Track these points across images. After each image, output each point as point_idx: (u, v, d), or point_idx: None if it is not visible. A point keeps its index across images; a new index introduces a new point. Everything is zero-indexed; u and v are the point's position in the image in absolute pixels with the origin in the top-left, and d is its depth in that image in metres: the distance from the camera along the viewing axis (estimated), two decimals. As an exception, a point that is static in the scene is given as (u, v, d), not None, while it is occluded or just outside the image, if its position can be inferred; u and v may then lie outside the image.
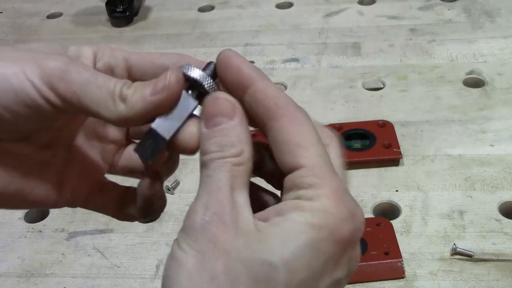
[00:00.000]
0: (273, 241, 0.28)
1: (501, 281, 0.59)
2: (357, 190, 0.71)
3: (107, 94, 0.32)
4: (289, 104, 0.32)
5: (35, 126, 0.34)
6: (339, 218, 0.29)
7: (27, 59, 0.32)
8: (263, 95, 0.32)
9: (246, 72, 0.32)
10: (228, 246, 0.28)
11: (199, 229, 0.29)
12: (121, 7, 1.08)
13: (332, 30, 1.01)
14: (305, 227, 0.29)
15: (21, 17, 1.17)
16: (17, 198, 0.35)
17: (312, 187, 0.30)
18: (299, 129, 0.31)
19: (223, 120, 0.31)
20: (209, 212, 0.29)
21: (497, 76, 0.87)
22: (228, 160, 0.30)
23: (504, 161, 0.73)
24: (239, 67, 0.32)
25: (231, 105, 0.32)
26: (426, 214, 0.67)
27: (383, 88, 0.87)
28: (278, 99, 0.31)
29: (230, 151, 0.30)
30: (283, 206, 0.30)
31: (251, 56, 0.97)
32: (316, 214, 0.29)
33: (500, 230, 0.64)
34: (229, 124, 0.31)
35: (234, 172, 0.30)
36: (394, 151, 0.74)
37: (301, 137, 0.31)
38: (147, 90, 0.32)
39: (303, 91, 0.88)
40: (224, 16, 1.09)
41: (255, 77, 0.32)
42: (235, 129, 0.31)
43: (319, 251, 0.29)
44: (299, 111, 0.32)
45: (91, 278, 0.64)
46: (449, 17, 1.01)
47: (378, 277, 0.61)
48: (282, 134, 0.31)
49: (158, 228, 0.69)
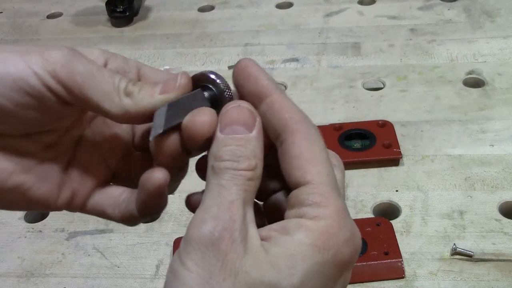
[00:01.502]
0: (281, 265, 0.28)
1: (501, 281, 0.59)
2: (357, 190, 0.71)
3: (112, 87, 0.32)
4: (304, 119, 0.31)
5: (38, 120, 0.33)
6: (342, 240, 0.29)
7: (30, 51, 0.32)
8: (280, 106, 0.31)
9: (265, 83, 0.32)
10: (237, 266, 0.28)
11: (208, 244, 0.28)
12: (121, 7, 1.08)
13: (332, 30, 1.01)
14: (311, 249, 0.28)
15: (21, 17, 1.17)
16: (15, 194, 0.35)
17: (316, 205, 0.29)
18: (311, 146, 0.31)
19: (242, 129, 0.31)
20: (219, 227, 0.28)
21: (497, 76, 0.87)
22: (242, 173, 0.30)
23: (504, 161, 0.73)
24: (257, 77, 0.32)
25: (253, 116, 0.31)
26: (426, 214, 0.67)
27: (383, 88, 0.87)
28: (295, 113, 0.31)
29: (245, 164, 0.30)
30: (287, 225, 0.29)
31: (251, 56, 0.97)
32: (321, 236, 0.29)
33: (500, 230, 0.64)
34: (249, 136, 0.30)
35: (247, 186, 0.30)
36: (394, 151, 0.74)
37: (312, 154, 0.30)
38: (156, 89, 0.32)
39: (303, 91, 0.88)
40: (224, 16, 1.09)
41: (273, 88, 0.32)
42: (252, 142, 0.30)
43: (323, 274, 0.29)
44: (313, 128, 0.31)
45: (91, 278, 0.64)
46: (449, 17, 1.01)
47: (378, 277, 0.61)
48: (294, 148, 0.31)
49: (158, 228, 0.69)
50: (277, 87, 0.32)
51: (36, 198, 0.36)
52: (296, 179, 0.30)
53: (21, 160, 0.35)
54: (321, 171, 0.30)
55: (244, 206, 0.29)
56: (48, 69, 0.32)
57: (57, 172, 0.37)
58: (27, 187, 0.35)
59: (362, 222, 0.65)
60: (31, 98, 0.32)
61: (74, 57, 0.32)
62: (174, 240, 0.66)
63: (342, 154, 0.74)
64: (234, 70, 0.33)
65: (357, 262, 0.61)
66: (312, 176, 0.30)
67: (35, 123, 0.34)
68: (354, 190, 0.71)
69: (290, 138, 0.31)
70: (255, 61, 0.33)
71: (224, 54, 0.98)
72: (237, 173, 0.29)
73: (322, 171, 0.30)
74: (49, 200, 0.36)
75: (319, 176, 0.30)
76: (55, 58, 0.32)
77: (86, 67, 0.32)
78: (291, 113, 0.31)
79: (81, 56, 0.33)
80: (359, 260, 0.61)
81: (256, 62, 0.33)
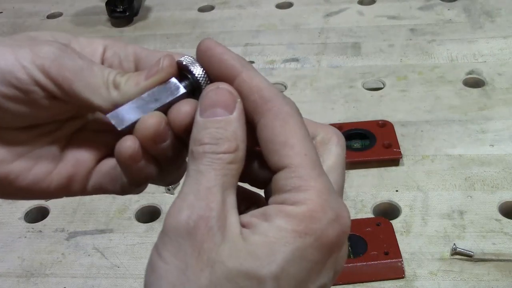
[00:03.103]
0: (260, 253, 0.27)
1: (501, 281, 0.59)
2: (357, 190, 0.71)
3: (101, 81, 0.32)
4: (275, 96, 0.29)
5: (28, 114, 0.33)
6: (325, 223, 0.28)
7: (21, 45, 0.32)
8: (248, 87, 0.30)
9: (229, 63, 0.30)
10: (213, 255, 0.27)
11: (183, 234, 0.27)
12: (121, 7, 1.08)
13: (332, 30, 1.01)
14: (291, 235, 0.27)
15: (21, 17, 1.17)
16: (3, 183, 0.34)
17: (296, 189, 0.28)
18: (284, 125, 0.29)
19: (222, 112, 0.29)
20: (194, 215, 0.27)
21: (497, 76, 0.87)
22: (221, 157, 0.28)
23: (504, 161, 0.73)
24: (221, 58, 0.30)
25: (233, 98, 0.30)
26: (426, 214, 0.67)
27: (383, 88, 0.87)
28: (263, 90, 0.30)
29: (224, 146, 0.28)
30: (267, 211, 0.28)
31: (251, 56, 0.97)
32: (302, 221, 0.28)
33: (500, 230, 0.64)
34: (228, 118, 0.29)
35: (226, 171, 0.28)
36: (394, 151, 0.74)
37: (287, 134, 0.29)
38: (141, 76, 0.32)
39: (303, 91, 0.88)
40: (224, 16, 1.09)
41: (239, 67, 0.30)
42: (233, 124, 0.29)
43: (306, 259, 0.28)
44: (286, 104, 0.30)
45: (91, 278, 0.64)
46: (449, 17, 1.01)
47: (378, 277, 0.61)
48: (267, 131, 0.29)
49: (158, 228, 0.69)
50: (245, 65, 0.30)
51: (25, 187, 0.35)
52: (274, 164, 0.29)
53: (11, 149, 0.34)
54: (298, 151, 0.29)
55: (223, 192, 0.28)
56: (37, 63, 0.32)
57: (50, 157, 0.35)
58: (14, 177, 0.34)
59: (362, 222, 0.65)
60: (19, 91, 0.32)
61: (64, 53, 0.32)
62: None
63: (342, 154, 0.74)
64: (197, 53, 0.32)
65: (357, 262, 0.61)
66: (289, 159, 0.28)
67: (26, 117, 0.33)
68: (354, 190, 0.71)
69: (262, 120, 0.29)
70: (216, 41, 0.31)
71: (224, 54, 0.98)
72: (216, 156, 0.28)
73: (299, 151, 0.29)
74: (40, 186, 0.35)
75: (296, 158, 0.28)
76: (45, 53, 0.32)
77: (75, 63, 0.32)
78: (260, 91, 0.29)
79: (72, 51, 0.33)
80: (359, 260, 0.61)
81: (217, 42, 0.31)
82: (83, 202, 0.74)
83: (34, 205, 0.74)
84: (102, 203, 0.73)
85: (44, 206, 0.74)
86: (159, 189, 0.74)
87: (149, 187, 0.79)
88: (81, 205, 0.73)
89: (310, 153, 0.29)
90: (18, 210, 0.73)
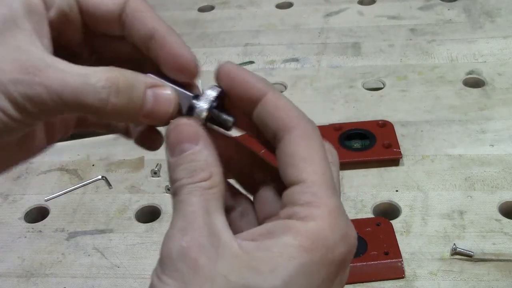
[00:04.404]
0: (263, 267, 0.27)
1: (501, 281, 0.59)
2: (357, 190, 0.71)
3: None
4: (301, 116, 0.31)
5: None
6: (333, 240, 0.28)
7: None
8: (275, 105, 0.31)
9: (256, 85, 0.32)
10: (211, 271, 0.27)
11: (177, 256, 0.28)
12: (121, 7, 1.08)
13: (332, 30, 1.01)
14: (297, 250, 0.28)
15: (21, 17, 1.17)
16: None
17: (308, 205, 0.29)
18: (307, 143, 0.30)
19: (188, 146, 0.30)
20: (186, 237, 0.28)
21: (497, 76, 0.87)
22: (198, 185, 0.30)
23: (504, 161, 0.73)
24: (244, 80, 0.32)
25: (194, 130, 0.31)
26: (426, 214, 0.67)
27: (383, 88, 0.87)
28: (290, 110, 0.31)
29: (200, 176, 0.30)
30: (274, 227, 0.29)
31: (251, 56, 0.97)
32: (310, 237, 0.28)
33: (500, 230, 0.64)
34: (195, 149, 0.30)
35: (207, 196, 0.29)
36: (394, 151, 0.74)
37: (309, 152, 0.30)
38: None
39: (303, 91, 0.88)
40: (224, 16, 1.09)
41: (265, 88, 0.32)
42: (201, 153, 0.30)
43: (312, 276, 0.28)
44: (310, 125, 0.31)
45: (91, 278, 0.64)
46: (449, 17, 1.01)
47: (378, 277, 0.61)
48: (290, 146, 0.30)
49: (158, 228, 0.69)
50: (268, 86, 0.32)
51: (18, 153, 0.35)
52: (290, 178, 0.30)
53: None
54: (317, 170, 0.30)
55: (209, 214, 0.29)
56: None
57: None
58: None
59: (362, 222, 0.65)
60: None
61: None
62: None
63: (342, 154, 0.74)
64: (218, 78, 0.32)
65: (357, 262, 0.61)
66: (307, 174, 0.30)
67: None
68: (354, 190, 0.71)
69: (287, 136, 0.31)
70: (235, 64, 0.33)
71: (224, 54, 0.98)
72: (193, 186, 0.30)
73: (317, 170, 0.30)
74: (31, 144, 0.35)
75: (314, 175, 0.30)
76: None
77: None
78: (287, 111, 0.31)
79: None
80: (359, 260, 0.61)
81: (237, 65, 0.33)
82: (83, 202, 0.74)
83: (34, 205, 0.74)
84: (102, 203, 0.73)
85: (44, 206, 0.74)
86: (159, 189, 0.74)
87: (149, 187, 0.80)
88: (81, 205, 0.73)
89: (326, 173, 0.30)
90: (18, 210, 0.73)
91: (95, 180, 0.75)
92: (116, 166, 0.78)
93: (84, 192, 0.75)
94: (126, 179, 0.76)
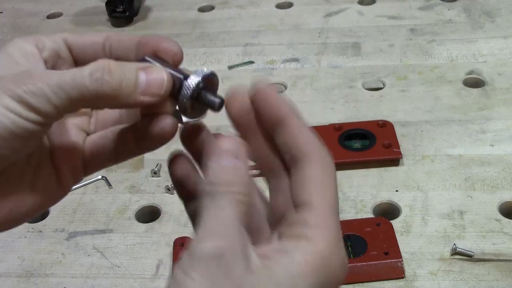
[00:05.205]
0: (285, 285, 0.30)
1: (501, 281, 0.59)
2: (357, 190, 0.71)
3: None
4: (321, 146, 0.34)
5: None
6: (336, 263, 0.31)
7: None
8: (299, 131, 0.34)
9: (284, 108, 0.34)
10: (240, 280, 0.29)
11: (210, 258, 0.29)
12: (121, 7, 1.08)
13: (332, 30, 1.01)
14: (310, 270, 0.30)
15: (21, 17, 1.17)
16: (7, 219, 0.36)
17: (317, 227, 0.31)
18: (323, 171, 0.33)
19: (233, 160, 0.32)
20: (222, 243, 0.29)
21: (497, 76, 0.87)
22: (237, 197, 0.31)
23: (504, 161, 0.73)
24: (276, 102, 0.34)
25: (244, 149, 0.33)
26: (426, 214, 0.67)
27: (383, 88, 0.87)
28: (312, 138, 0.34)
29: (239, 189, 0.32)
30: (287, 246, 0.31)
31: (251, 56, 0.97)
32: (319, 258, 0.31)
33: (500, 230, 0.64)
34: (238, 165, 0.32)
35: (241, 209, 0.31)
36: (394, 151, 0.74)
37: (323, 179, 0.33)
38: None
39: (303, 91, 0.88)
40: (224, 16, 1.09)
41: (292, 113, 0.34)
42: (243, 170, 0.33)
43: None
44: (328, 156, 0.34)
45: (91, 278, 0.64)
46: (449, 17, 1.01)
47: (378, 277, 0.61)
48: (307, 170, 0.33)
49: (158, 228, 0.69)
50: (295, 112, 0.34)
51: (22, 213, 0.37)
52: (302, 199, 0.32)
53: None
54: (328, 196, 0.32)
55: (241, 226, 0.31)
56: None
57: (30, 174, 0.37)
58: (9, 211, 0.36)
59: (362, 222, 0.65)
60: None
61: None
62: (174, 240, 0.66)
63: (342, 154, 0.74)
64: (253, 93, 0.35)
65: (357, 262, 0.61)
66: (317, 199, 0.32)
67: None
68: (354, 190, 0.71)
69: (307, 159, 0.33)
70: (272, 85, 0.35)
71: (224, 54, 0.98)
72: (232, 196, 0.31)
73: (328, 196, 0.32)
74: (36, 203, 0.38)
75: (324, 201, 0.32)
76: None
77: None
78: (309, 138, 0.34)
79: None
80: (359, 260, 0.61)
81: (273, 85, 0.35)
82: (83, 202, 0.74)
83: (34, 205, 0.74)
84: (102, 203, 0.73)
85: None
86: (159, 189, 0.74)
87: (149, 187, 0.80)
88: (81, 205, 0.73)
89: (335, 202, 0.33)
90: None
91: (95, 180, 0.75)
92: (116, 166, 0.78)
93: (84, 192, 0.75)
94: (126, 179, 0.76)
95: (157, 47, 0.37)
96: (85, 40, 0.38)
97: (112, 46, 0.38)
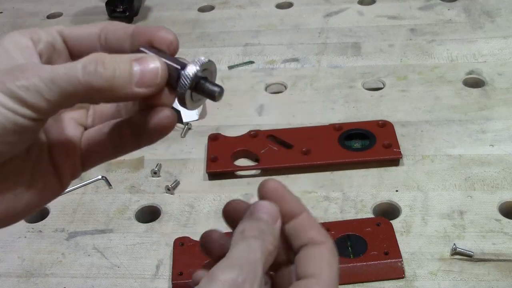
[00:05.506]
0: None
1: (501, 281, 0.59)
2: (357, 190, 0.71)
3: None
4: (328, 237, 0.37)
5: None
6: None
7: None
8: (309, 224, 0.37)
9: (294, 204, 0.38)
10: None
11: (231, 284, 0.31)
12: (121, 7, 1.08)
13: (332, 30, 1.01)
14: None
15: (21, 17, 1.17)
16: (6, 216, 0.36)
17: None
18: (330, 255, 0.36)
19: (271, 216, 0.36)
20: (243, 275, 0.32)
21: (497, 76, 0.87)
22: (266, 245, 0.34)
23: (504, 161, 0.73)
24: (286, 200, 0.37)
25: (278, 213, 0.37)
26: (426, 214, 0.67)
27: (383, 88, 0.87)
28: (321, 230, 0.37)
29: (270, 238, 0.35)
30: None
31: (251, 56, 0.97)
32: None
33: (500, 230, 0.64)
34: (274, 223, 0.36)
35: (268, 256, 0.34)
36: (394, 151, 0.74)
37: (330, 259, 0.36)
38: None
39: (303, 91, 0.88)
40: (224, 16, 1.09)
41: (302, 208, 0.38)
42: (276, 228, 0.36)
43: None
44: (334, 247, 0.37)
45: (91, 278, 0.64)
46: (449, 17, 1.01)
47: (378, 277, 0.61)
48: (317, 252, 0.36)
49: (158, 228, 0.69)
50: (304, 206, 0.38)
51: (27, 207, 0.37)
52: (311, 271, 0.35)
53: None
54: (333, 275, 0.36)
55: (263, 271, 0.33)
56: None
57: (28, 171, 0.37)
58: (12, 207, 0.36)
59: (362, 222, 0.65)
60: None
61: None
62: (174, 240, 0.66)
63: (342, 154, 0.74)
64: (262, 192, 0.38)
65: (357, 262, 0.61)
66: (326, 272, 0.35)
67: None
68: (354, 190, 0.71)
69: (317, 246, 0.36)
70: (280, 182, 0.38)
71: (224, 54, 0.98)
72: (263, 243, 0.34)
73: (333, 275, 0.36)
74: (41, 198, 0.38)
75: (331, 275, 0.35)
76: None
77: None
78: (318, 229, 0.37)
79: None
80: (359, 260, 0.61)
81: (281, 184, 0.38)
82: (82, 202, 0.74)
83: (34, 205, 0.74)
84: (102, 203, 0.73)
85: (44, 206, 0.74)
86: (159, 189, 0.74)
87: (149, 187, 0.80)
88: (81, 205, 0.73)
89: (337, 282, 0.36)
90: (18, 210, 0.73)
91: (95, 180, 0.75)
92: (116, 166, 0.78)
93: (84, 192, 0.75)
94: (126, 179, 0.76)
95: (152, 37, 0.35)
96: (80, 32, 0.37)
97: (107, 37, 0.37)
